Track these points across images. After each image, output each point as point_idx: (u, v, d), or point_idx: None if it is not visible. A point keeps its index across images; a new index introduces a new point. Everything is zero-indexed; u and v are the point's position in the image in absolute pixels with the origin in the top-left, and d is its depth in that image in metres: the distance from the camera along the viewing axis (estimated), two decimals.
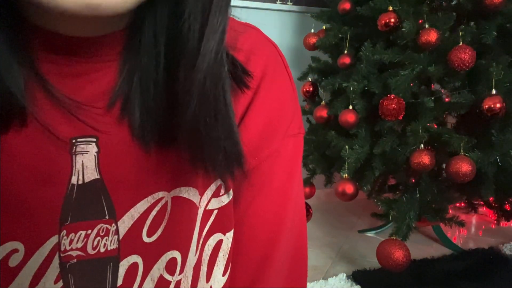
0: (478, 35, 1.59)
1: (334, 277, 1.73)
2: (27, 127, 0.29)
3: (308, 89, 2.01)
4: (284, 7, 2.49)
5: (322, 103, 1.90)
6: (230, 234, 0.38)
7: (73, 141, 0.30)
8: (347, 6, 1.83)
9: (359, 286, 1.66)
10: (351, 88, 1.70)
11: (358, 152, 1.63)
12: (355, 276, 1.73)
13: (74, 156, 0.30)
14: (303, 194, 0.45)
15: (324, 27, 2.02)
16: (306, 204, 1.87)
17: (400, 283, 1.65)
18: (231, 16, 0.41)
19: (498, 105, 1.46)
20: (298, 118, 0.43)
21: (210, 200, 0.37)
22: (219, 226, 0.37)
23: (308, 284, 1.68)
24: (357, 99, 1.69)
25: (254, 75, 0.38)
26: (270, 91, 0.40)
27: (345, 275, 1.74)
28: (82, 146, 0.30)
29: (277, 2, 2.47)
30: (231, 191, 0.38)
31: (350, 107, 1.69)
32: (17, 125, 0.28)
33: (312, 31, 2.04)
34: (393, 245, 1.39)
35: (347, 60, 1.78)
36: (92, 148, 0.31)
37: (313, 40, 1.98)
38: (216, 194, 0.37)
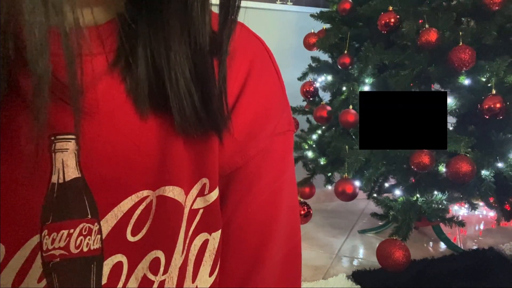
0: (478, 35, 1.59)
1: (334, 277, 1.73)
2: (5, 122, 0.28)
3: (308, 89, 2.01)
4: (284, 7, 2.49)
5: (322, 103, 1.90)
6: (216, 234, 0.37)
7: (52, 138, 0.30)
8: (347, 6, 1.83)
9: (359, 286, 1.66)
10: (351, 88, 1.70)
11: (358, 152, 1.63)
12: (355, 276, 1.73)
13: (53, 154, 0.30)
14: (296, 193, 0.44)
15: (324, 27, 2.02)
16: (306, 204, 1.87)
17: (400, 283, 1.65)
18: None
19: (498, 105, 1.46)
20: (287, 115, 0.42)
21: (195, 199, 0.36)
22: (205, 226, 0.37)
23: (308, 284, 1.68)
24: (357, 99, 1.69)
25: (240, 72, 0.38)
26: (256, 88, 0.39)
27: (345, 275, 1.74)
28: (61, 143, 0.30)
29: (277, 2, 2.47)
30: (216, 190, 0.37)
31: (350, 107, 1.69)
32: None
33: (312, 31, 2.04)
34: (393, 245, 1.39)
35: (347, 60, 1.78)
36: (72, 146, 0.30)
37: (313, 40, 1.98)
38: (201, 193, 0.36)
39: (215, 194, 0.37)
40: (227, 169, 0.38)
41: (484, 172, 1.55)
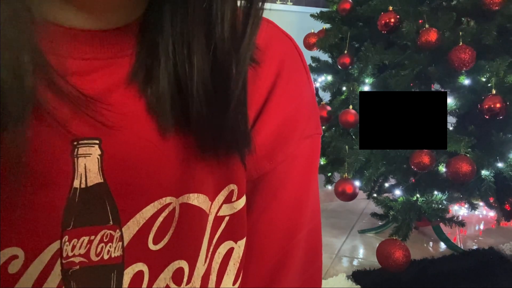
0: (478, 35, 1.59)
1: (334, 277, 1.73)
2: (28, 126, 0.28)
3: None
4: (284, 7, 2.49)
5: (322, 103, 1.90)
6: (242, 243, 0.36)
7: (75, 143, 0.29)
8: (347, 6, 1.83)
9: (359, 286, 1.66)
10: (351, 88, 1.70)
11: (358, 152, 1.63)
12: (355, 276, 1.73)
13: (76, 159, 0.29)
14: (319, 196, 0.43)
15: (324, 27, 2.02)
16: None
17: (400, 283, 1.65)
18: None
19: (498, 105, 1.46)
20: (315, 117, 0.40)
21: (221, 206, 0.35)
22: (231, 234, 0.36)
23: None
24: (357, 99, 1.69)
25: (269, 73, 0.37)
26: (286, 90, 0.37)
27: (345, 275, 1.74)
28: (84, 148, 0.29)
29: (277, 2, 2.48)
30: (244, 197, 0.36)
31: (350, 107, 1.69)
32: (18, 122, 0.27)
33: (312, 31, 2.04)
34: (393, 245, 1.39)
35: (347, 60, 1.78)
36: (95, 151, 0.30)
37: (313, 40, 1.98)
38: (228, 200, 0.35)
39: (242, 201, 0.36)
40: (254, 174, 0.37)
41: (484, 172, 1.55)
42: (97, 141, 0.30)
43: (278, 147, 0.37)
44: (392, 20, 1.63)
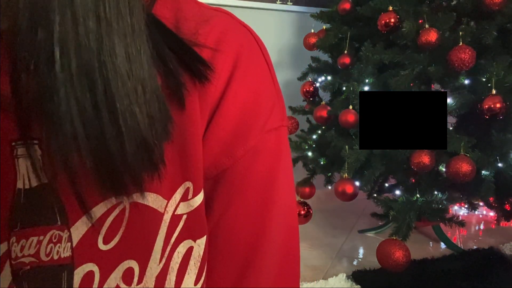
0: (478, 35, 1.59)
1: (334, 277, 1.73)
2: None
3: (308, 89, 2.01)
4: (284, 7, 2.49)
5: (322, 103, 1.90)
6: (201, 241, 0.35)
7: (13, 144, 0.29)
8: (347, 6, 1.83)
9: (359, 286, 1.66)
10: (351, 88, 1.70)
11: (358, 152, 1.63)
12: (355, 276, 1.73)
13: (16, 160, 0.29)
14: (294, 193, 0.41)
15: (324, 27, 2.02)
16: (306, 204, 1.87)
17: (400, 283, 1.65)
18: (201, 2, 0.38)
19: (498, 105, 1.46)
20: (280, 109, 0.39)
21: (178, 204, 0.34)
22: (189, 232, 0.35)
23: (308, 284, 1.68)
24: (357, 99, 1.69)
25: (225, 66, 0.35)
26: (244, 82, 0.36)
27: (345, 275, 1.74)
28: (23, 149, 0.29)
29: (277, 2, 2.47)
30: (201, 194, 0.35)
31: (350, 107, 1.69)
32: None
33: (312, 31, 2.04)
34: (393, 245, 1.39)
35: (347, 60, 1.78)
36: (35, 151, 0.29)
37: (313, 40, 1.98)
38: (184, 198, 0.34)
39: (199, 198, 0.35)
40: (213, 170, 0.36)
41: (484, 172, 1.54)
42: (36, 141, 0.29)
43: (237, 141, 0.36)
44: (392, 20, 1.63)
